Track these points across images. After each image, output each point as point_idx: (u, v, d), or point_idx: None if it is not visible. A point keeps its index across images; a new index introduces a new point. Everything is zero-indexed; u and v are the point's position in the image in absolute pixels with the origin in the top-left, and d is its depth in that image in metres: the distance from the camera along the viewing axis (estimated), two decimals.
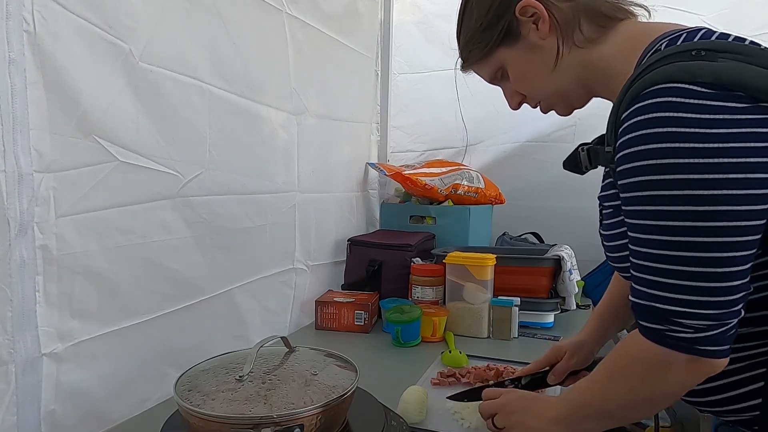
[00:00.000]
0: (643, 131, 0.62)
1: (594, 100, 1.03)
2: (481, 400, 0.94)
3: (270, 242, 1.50)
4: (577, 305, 1.71)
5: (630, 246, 0.68)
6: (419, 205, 2.13)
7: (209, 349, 1.15)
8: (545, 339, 1.57)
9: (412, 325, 1.49)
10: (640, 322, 0.68)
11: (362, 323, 1.61)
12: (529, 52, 0.82)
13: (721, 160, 0.59)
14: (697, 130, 0.59)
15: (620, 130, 0.66)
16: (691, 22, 0.88)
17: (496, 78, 0.90)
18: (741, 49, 0.63)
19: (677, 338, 0.65)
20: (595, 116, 1.04)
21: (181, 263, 1.18)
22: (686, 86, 0.60)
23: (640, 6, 0.81)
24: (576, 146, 0.87)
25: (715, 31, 0.68)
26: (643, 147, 0.62)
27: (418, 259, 1.80)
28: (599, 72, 0.79)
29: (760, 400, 0.71)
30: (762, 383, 0.70)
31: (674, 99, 0.60)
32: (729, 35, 0.67)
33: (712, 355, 0.65)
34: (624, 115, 0.65)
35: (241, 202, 1.37)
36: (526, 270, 1.69)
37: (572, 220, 2.03)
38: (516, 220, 2.25)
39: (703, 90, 0.60)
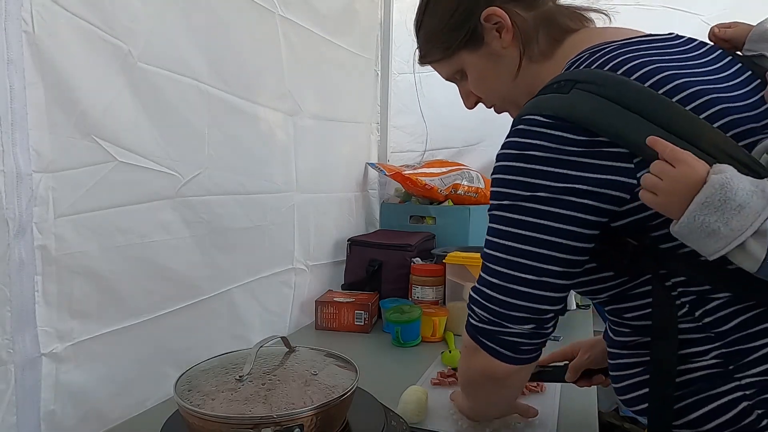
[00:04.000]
0: (499, 152, 0.71)
1: None
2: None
3: (269, 242, 1.50)
4: (577, 305, 1.71)
5: None
6: (419, 205, 2.12)
7: (209, 349, 1.15)
8: None
9: (412, 325, 1.49)
10: None
11: (362, 323, 1.61)
12: (490, 59, 0.83)
13: (541, 181, 0.65)
14: (531, 152, 0.66)
15: None
16: (690, 23, 0.87)
17: (454, 78, 0.90)
18: (598, 79, 0.66)
19: (470, 323, 0.75)
20: None
21: (181, 263, 1.18)
22: (533, 117, 0.67)
23: (600, 11, 0.83)
24: None
25: (626, 44, 0.70)
26: (495, 165, 0.71)
27: (418, 259, 1.79)
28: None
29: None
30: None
31: (523, 127, 0.68)
32: (637, 42, 0.70)
33: (488, 350, 0.73)
34: None
35: (240, 202, 1.37)
36: None
37: None
38: None
39: (544, 120, 0.66)
